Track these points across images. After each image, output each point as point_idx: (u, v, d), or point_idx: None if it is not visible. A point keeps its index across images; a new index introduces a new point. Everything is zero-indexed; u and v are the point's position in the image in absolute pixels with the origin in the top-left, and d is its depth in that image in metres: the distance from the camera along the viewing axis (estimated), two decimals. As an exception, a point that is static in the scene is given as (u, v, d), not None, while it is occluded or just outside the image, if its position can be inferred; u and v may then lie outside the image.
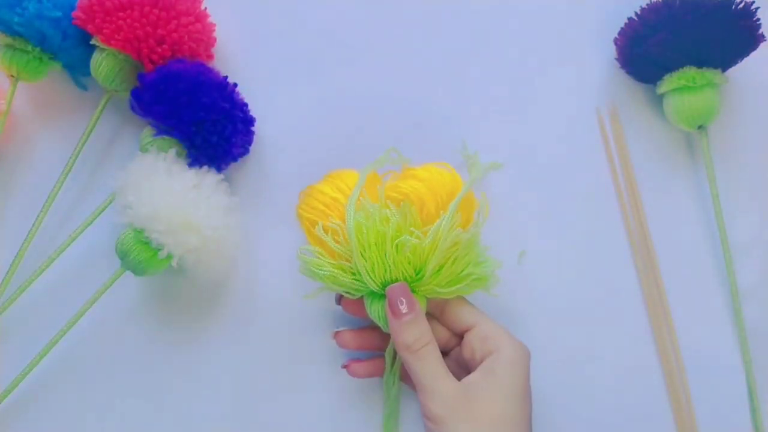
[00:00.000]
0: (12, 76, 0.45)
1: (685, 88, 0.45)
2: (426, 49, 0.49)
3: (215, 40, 0.47)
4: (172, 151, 0.43)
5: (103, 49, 0.44)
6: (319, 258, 0.40)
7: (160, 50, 0.43)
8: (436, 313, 0.42)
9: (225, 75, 0.45)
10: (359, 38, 0.50)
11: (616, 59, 0.48)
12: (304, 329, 0.46)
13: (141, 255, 0.42)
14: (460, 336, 0.41)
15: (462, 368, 0.40)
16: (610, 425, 0.45)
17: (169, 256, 0.42)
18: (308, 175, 0.48)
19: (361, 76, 0.49)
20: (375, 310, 0.40)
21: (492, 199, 0.47)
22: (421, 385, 0.37)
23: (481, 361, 0.38)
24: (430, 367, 0.37)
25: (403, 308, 0.37)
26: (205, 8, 0.46)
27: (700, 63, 0.44)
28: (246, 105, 0.46)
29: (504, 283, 0.42)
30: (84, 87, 0.48)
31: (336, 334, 0.42)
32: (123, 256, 0.42)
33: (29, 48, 0.44)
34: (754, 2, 0.43)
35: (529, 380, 0.38)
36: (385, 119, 0.49)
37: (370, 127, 0.49)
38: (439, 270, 0.39)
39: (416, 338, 0.37)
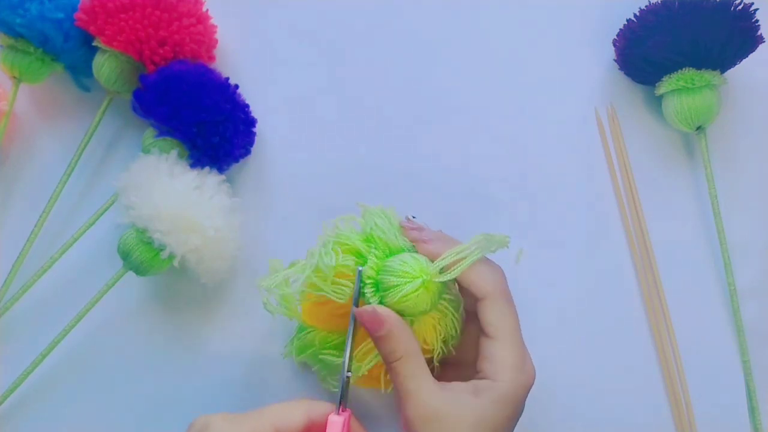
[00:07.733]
0: (14, 77, 0.45)
1: (684, 89, 0.45)
2: (425, 50, 0.50)
3: (217, 41, 0.48)
4: (174, 152, 0.43)
5: (105, 51, 0.44)
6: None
7: (161, 52, 0.43)
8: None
9: (226, 76, 0.45)
10: (360, 38, 0.50)
11: (615, 60, 0.48)
12: (305, 329, 0.46)
13: (143, 255, 0.42)
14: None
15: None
16: (609, 425, 0.46)
17: (171, 257, 0.42)
18: (309, 176, 0.48)
19: (361, 78, 0.49)
20: None
21: (491, 199, 0.48)
22: (396, 392, 0.36)
23: (477, 373, 0.37)
24: (402, 379, 0.36)
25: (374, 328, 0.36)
26: (207, 10, 0.46)
27: (699, 64, 0.44)
28: (247, 106, 0.46)
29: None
30: (86, 88, 0.49)
31: None
32: (125, 256, 0.43)
33: (31, 49, 0.44)
34: (752, 4, 0.44)
35: (520, 411, 0.36)
36: (385, 118, 0.49)
37: (370, 127, 0.49)
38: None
39: (388, 352, 0.36)
